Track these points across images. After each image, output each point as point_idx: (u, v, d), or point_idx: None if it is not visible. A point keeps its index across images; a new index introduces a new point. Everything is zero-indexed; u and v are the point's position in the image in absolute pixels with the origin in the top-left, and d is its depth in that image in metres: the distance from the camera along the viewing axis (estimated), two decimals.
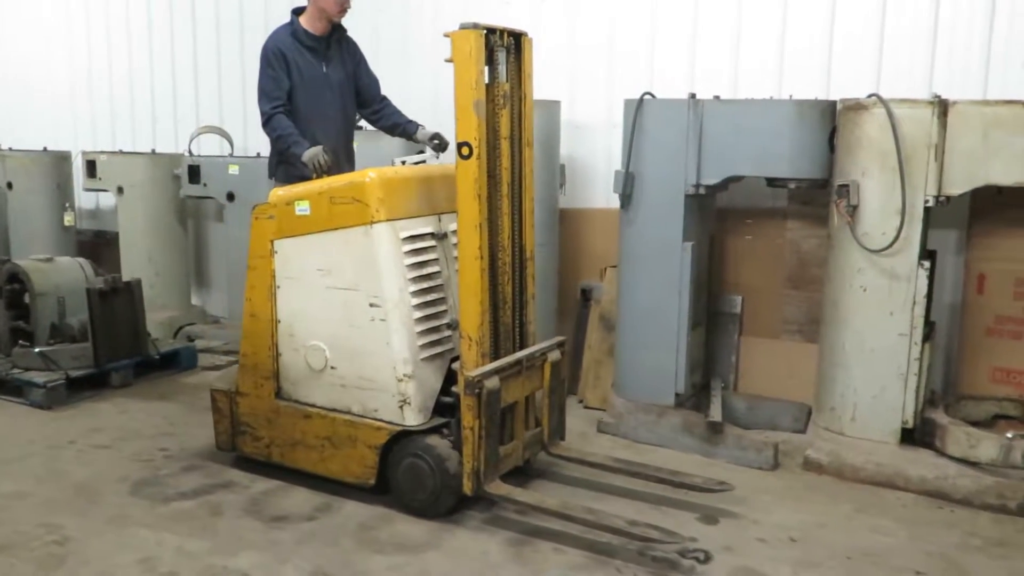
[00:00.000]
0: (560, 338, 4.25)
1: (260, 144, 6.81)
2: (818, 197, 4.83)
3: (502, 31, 3.70)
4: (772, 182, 4.64)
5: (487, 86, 3.66)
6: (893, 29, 4.90)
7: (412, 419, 3.79)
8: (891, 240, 4.11)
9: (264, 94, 4.56)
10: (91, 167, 6.88)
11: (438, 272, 3.96)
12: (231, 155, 6.75)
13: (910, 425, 4.26)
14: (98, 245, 7.72)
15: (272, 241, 4.01)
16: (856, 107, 4.21)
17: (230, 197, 6.41)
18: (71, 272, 5.75)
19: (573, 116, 5.55)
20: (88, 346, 5.49)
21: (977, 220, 4.63)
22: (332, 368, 3.94)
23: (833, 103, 4.49)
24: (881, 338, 4.24)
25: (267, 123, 4.55)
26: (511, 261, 3.88)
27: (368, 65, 4.90)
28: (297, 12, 4.69)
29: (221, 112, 7.19)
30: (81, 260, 5.94)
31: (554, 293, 5.39)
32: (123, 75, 7.72)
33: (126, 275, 6.17)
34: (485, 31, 3.57)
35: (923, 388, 4.27)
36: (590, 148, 5.66)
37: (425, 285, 3.88)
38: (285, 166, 4.62)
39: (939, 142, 4.02)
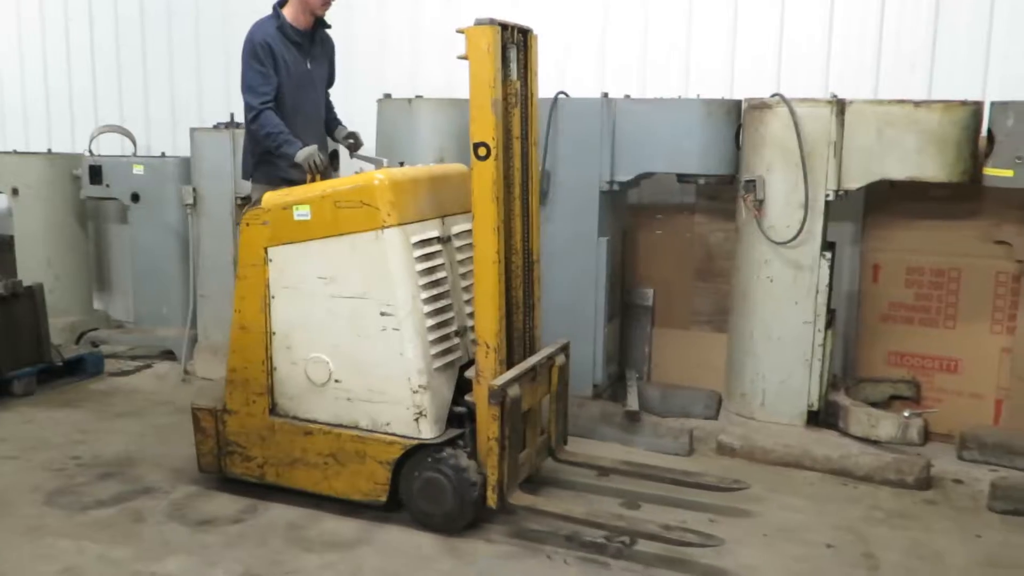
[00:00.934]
0: (564, 341, 4.14)
1: (164, 143, 6.68)
2: (725, 192, 5.04)
3: (512, 27, 3.56)
4: (682, 178, 4.83)
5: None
6: (792, 30, 5.15)
7: (428, 432, 3.63)
8: (795, 232, 4.33)
9: (251, 89, 4.30)
10: None
11: (445, 277, 3.80)
12: (134, 155, 6.57)
13: (815, 408, 4.50)
14: None
15: (266, 248, 3.77)
16: (761, 106, 4.41)
17: (135, 198, 6.24)
18: None
19: None
20: None
21: (871, 213, 4.91)
22: (336, 381, 3.74)
23: (738, 102, 4.70)
24: (787, 326, 4.47)
25: (254, 120, 4.28)
26: (522, 264, 3.78)
27: (334, 64, 4.76)
28: (280, 4, 4.46)
29: (122, 111, 6.98)
30: None
31: None
32: (14, 72, 7.40)
33: (23, 280, 5.93)
34: (500, 27, 3.44)
35: (826, 372, 4.52)
36: None
37: (435, 291, 3.72)
38: (266, 167, 4.41)
39: (838, 139, 4.25)
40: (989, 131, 4.05)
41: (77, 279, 6.71)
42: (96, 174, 6.29)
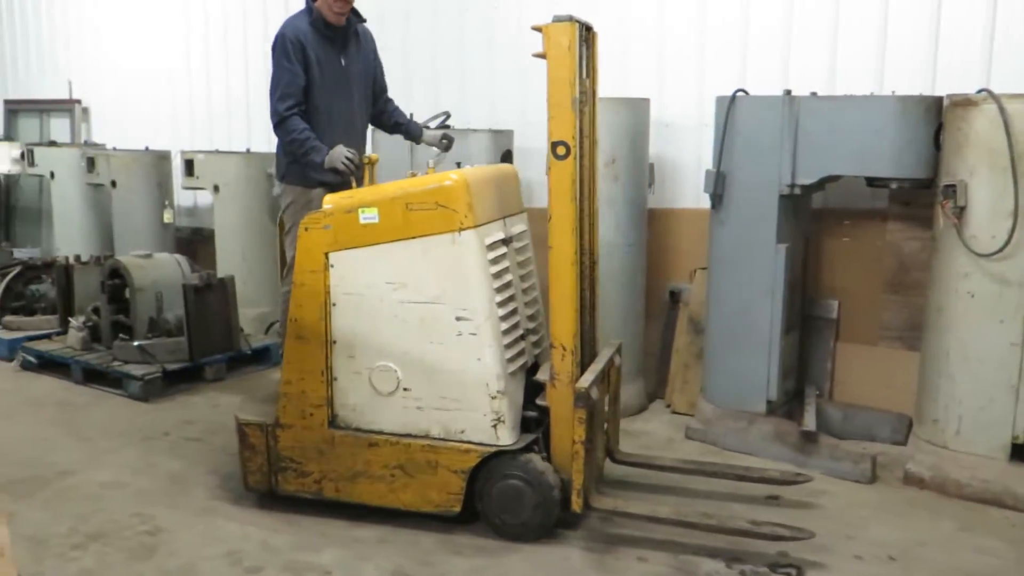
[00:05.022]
0: (618, 341, 4.16)
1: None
2: (921, 197, 4.60)
3: (581, 24, 3.53)
4: (872, 182, 4.45)
5: None
6: (1004, 19, 4.63)
7: (506, 438, 3.53)
8: (1002, 244, 3.88)
9: (280, 91, 4.19)
10: (189, 166, 7.05)
11: (511, 280, 3.73)
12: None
13: (1021, 440, 4.01)
14: (195, 242, 7.93)
15: (327, 254, 3.64)
16: (964, 103, 3.99)
17: None
18: (168, 268, 5.91)
19: (662, 114, 5.42)
20: (183, 340, 5.63)
21: None
22: (405, 390, 3.62)
23: (939, 99, 4.27)
24: (990, 347, 4.01)
25: (280, 124, 4.20)
26: (589, 265, 3.79)
27: (380, 58, 4.64)
28: None
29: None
30: (178, 256, 6.11)
31: (641, 294, 5.27)
32: (220, 76, 7.90)
33: (221, 271, 6.30)
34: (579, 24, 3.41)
35: None
36: (679, 147, 5.52)
37: (507, 294, 3.65)
38: (299, 167, 4.31)
39: None
40: None
41: (267, 272, 7.05)
42: None
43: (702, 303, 5.08)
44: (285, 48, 4.21)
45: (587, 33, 3.63)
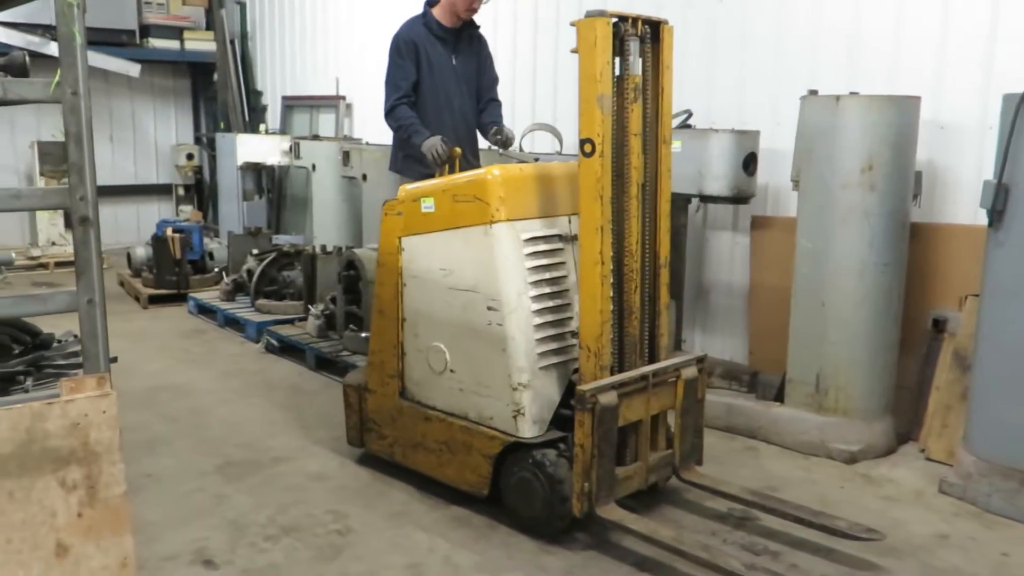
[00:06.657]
0: (700, 354, 3.95)
1: None
2: None
3: (635, 19, 3.45)
4: None
5: (617, 79, 3.44)
6: None
7: (526, 431, 3.57)
8: None
9: (391, 84, 4.72)
10: None
11: (564, 277, 3.73)
12: (559, 152, 6.65)
13: None
14: None
15: (400, 238, 3.94)
16: None
17: None
18: None
19: (936, 115, 4.69)
20: None
21: None
22: (451, 371, 3.80)
23: None
24: None
25: (390, 113, 4.71)
26: (640, 268, 3.63)
27: (493, 64, 5.05)
28: (431, 3, 4.83)
29: (555, 109, 7.14)
30: None
31: (896, 321, 4.59)
32: None
33: None
34: (615, 19, 3.37)
35: None
36: (956, 153, 4.75)
37: (548, 290, 3.67)
38: (411, 161, 4.73)
39: None
40: None
41: None
42: None
43: (971, 336, 4.32)
44: (398, 48, 4.75)
45: (650, 28, 3.55)
